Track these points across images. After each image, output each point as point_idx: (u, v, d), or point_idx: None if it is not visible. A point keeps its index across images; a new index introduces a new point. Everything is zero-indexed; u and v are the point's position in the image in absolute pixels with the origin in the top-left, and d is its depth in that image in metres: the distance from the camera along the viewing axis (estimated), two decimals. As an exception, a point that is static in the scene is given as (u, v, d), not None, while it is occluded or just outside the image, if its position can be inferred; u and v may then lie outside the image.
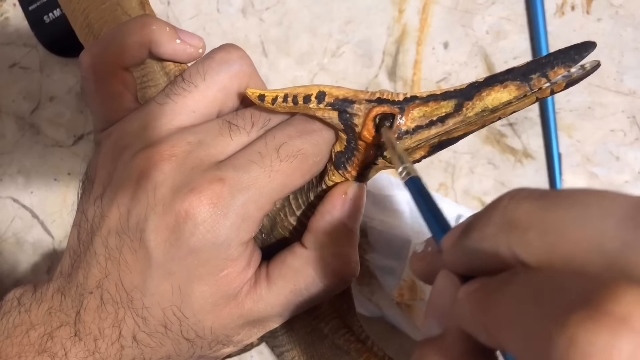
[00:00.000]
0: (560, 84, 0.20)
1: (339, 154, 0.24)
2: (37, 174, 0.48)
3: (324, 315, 0.26)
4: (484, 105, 0.21)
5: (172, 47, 0.26)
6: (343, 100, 0.23)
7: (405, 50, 0.46)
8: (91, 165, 0.25)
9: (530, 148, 0.45)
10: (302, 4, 0.47)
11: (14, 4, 0.49)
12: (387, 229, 0.43)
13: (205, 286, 0.22)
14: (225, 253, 0.22)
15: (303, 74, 0.47)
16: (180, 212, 0.22)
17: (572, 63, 0.20)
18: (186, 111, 0.24)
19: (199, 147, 0.23)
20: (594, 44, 0.20)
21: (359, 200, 0.25)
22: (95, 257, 0.23)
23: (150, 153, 0.23)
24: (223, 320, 0.23)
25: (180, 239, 0.22)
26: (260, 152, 0.23)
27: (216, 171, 0.22)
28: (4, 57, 0.49)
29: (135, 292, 0.22)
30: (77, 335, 0.23)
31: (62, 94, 0.48)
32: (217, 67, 0.25)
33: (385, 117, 0.22)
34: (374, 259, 0.44)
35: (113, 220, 0.23)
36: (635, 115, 0.44)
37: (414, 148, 0.22)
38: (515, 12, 0.46)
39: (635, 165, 0.44)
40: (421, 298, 0.43)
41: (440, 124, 0.21)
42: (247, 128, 0.24)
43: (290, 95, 0.23)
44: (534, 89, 0.20)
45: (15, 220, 0.48)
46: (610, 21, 0.45)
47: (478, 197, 0.45)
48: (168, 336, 0.23)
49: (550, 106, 0.44)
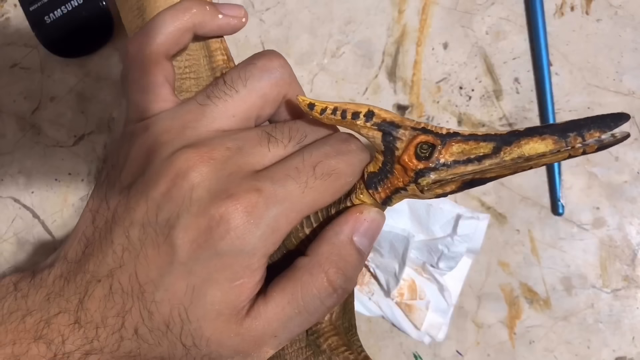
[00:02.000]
0: (592, 146, 0.22)
1: (371, 174, 0.24)
2: (38, 174, 0.48)
3: (323, 332, 0.26)
4: (520, 152, 0.22)
5: (216, 23, 0.26)
6: (390, 123, 0.24)
7: (405, 51, 0.47)
8: (120, 153, 0.25)
9: (529, 148, 0.45)
10: (302, 5, 0.48)
11: (15, 4, 0.49)
12: (387, 229, 0.43)
13: (218, 291, 0.23)
14: (247, 262, 0.23)
15: (303, 74, 0.47)
16: (215, 215, 0.22)
17: (607, 129, 0.22)
18: (226, 115, 0.25)
19: (237, 154, 0.24)
20: (628, 116, 0.22)
21: (374, 223, 0.25)
22: (111, 246, 0.23)
23: (190, 153, 0.23)
24: (220, 334, 0.23)
25: (209, 241, 0.22)
26: (297, 168, 0.23)
27: (254, 181, 0.23)
28: (5, 57, 0.49)
29: (148, 285, 0.23)
30: (78, 322, 0.23)
31: (62, 94, 0.48)
32: (259, 74, 0.25)
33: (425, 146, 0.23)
34: (374, 259, 0.44)
35: (140, 212, 0.23)
36: (634, 115, 0.44)
37: (447, 181, 0.23)
38: (514, 12, 0.46)
39: (635, 165, 0.44)
40: (421, 298, 0.43)
41: (477, 163, 0.23)
42: (284, 142, 0.25)
43: (339, 109, 0.24)
44: (568, 146, 0.22)
45: (16, 220, 0.48)
46: (610, 21, 0.45)
47: (477, 197, 0.45)
48: (167, 337, 0.23)
49: (549, 106, 0.44)
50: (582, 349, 0.43)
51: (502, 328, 0.44)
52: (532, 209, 0.44)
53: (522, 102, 0.45)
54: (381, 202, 0.25)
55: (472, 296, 0.44)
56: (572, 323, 0.44)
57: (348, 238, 0.24)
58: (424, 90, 0.46)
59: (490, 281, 0.44)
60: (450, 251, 0.43)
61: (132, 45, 0.26)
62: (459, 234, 0.43)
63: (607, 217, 0.44)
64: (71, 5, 0.46)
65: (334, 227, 0.25)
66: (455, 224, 0.43)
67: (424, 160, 0.23)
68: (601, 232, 0.44)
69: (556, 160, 0.22)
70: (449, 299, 0.43)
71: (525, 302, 0.44)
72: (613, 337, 0.43)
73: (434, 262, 0.43)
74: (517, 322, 0.44)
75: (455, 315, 0.44)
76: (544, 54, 0.44)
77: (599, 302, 0.44)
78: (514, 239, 0.45)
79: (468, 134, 0.23)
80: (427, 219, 0.44)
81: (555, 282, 0.44)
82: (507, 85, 0.45)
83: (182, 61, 0.27)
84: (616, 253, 0.44)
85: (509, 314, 0.44)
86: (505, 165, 0.22)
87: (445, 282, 0.43)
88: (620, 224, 0.44)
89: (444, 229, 0.43)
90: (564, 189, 0.44)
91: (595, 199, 0.44)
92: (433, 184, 0.23)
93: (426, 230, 0.44)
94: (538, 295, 0.44)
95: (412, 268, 0.44)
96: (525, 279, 0.44)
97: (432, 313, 0.44)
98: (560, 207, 0.44)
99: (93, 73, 0.48)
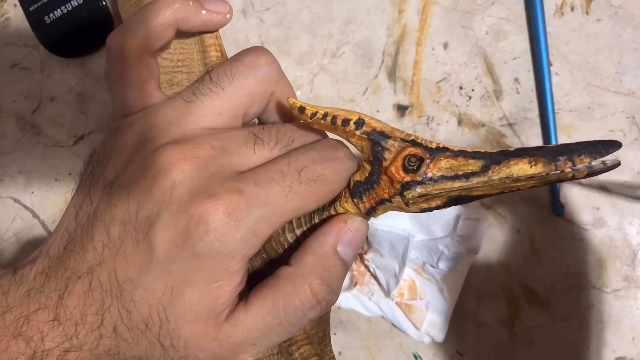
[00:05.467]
0: (582, 172, 0.21)
1: (357, 183, 0.24)
2: (38, 174, 0.48)
3: (297, 340, 0.26)
4: (509, 172, 0.22)
5: (199, 19, 0.26)
6: (379, 132, 0.23)
7: (405, 51, 0.47)
8: (105, 149, 0.25)
9: (529, 148, 0.45)
10: (302, 5, 0.48)
11: (15, 4, 0.49)
12: (387, 229, 0.43)
13: (195, 292, 0.22)
14: (226, 264, 0.22)
15: (303, 74, 0.47)
16: (195, 215, 0.22)
17: (598, 155, 0.21)
18: (212, 113, 0.24)
19: (221, 154, 0.23)
20: (620, 143, 0.22)
21: (358, 233, 0.24)
22: (92, 242, 0.23)
23: (173, 150, 0.23)
24: (198, 337, 0.23)
25: (188, 241, 0.22)
26: (282, 171, 0.23)
27: (237, 182, 0.22)
28: (5, 57, 0.49)
29: (127, 283, 0.22)
30: (57, 319, 0.22)
31: (62, 94, 0.48)
32: (246, 72, 0.25)
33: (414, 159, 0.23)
34: (374, 259, 0.44)
35: (121, 209, 0.23)
36: (634, 115, 0.44)
37: (433, 196, 0.23)
38: (514, 12, 0.46)
39: (635, 165, 0.44)
40: (421, 298, 0.43)
41: (465, 180, 0.22)
42: (271, 144, 0.24)
43: (330, 114, 0.24)
44: (558, 170, 0.22)
45: (16, 220, 0.48)
46: (610, 22, 0.45)
47: (478, 197, 0.45)
48: (146, 336, 0.23)
49: (549, 106, 0.44)
50: (582, 349, 0.43)
51: (502, 328, 0.44)
52: (532, 209, 0.44)
53: (522, 102, 0.45)
54: (365, 212, 0.25)
55: (472, 296, 0.44)
56: (572, 323, 0.44)
57: (332, 248, 0.24)
58: (424, 90, 0.46)
59: (490, 281, 0.44)
60: (451, 251, 0.43)
61: (113, 41, 0.26)
62: (459, 234, 0.43)
63: (607, 217, 0.44)
64: (71, 5, 0.46)
65: (318, 237, 0.24)
66: (455, 224, 0.43)
67: (411, 173, 0.23)
68: (601, 232, 0.44)
69: (544, 182, 0.22)
70: (449, 299, 0.43)
71: (525, 302, 0.44)
72: (613, 337, 0.43)
73: (434, 262, 0.43)
74: (517, 322, 0.44)
75: (455, 315, 0.44)
76: (544, 54, 0.44)
77: (599, 302, 0.44)
78: (514, 239, 0.45)
79: (457, 150, 0.23)
80: (427, 219, 0.44)
81: (555, 282, 0.44)
82: (507, 85, 0.45)
83: (175, 54, 0.27)
84: (616, 253, 0.44)
85: (509, 314, 0.44)
86: (493, 184, 0.22)
87: (445, 282, 0.43)
88: (620, 224, 0.44)
89: (444, 229, 0.43)
90: (564, 189, 0.44)
91: (595, 199, 0.44)
92: (419, 198, 0.23)
93: (426, 230, 0.44)
94: (538, 296, 0.44)
95: (412, 268, 0.44)
96: (525, 279, 0.44)
97: (432, 313, 0.44)
98: (560, 207, 0.44)
99: (93, 73, 0.48)
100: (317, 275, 0.23)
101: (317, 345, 0.27)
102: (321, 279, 0.23)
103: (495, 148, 0.25)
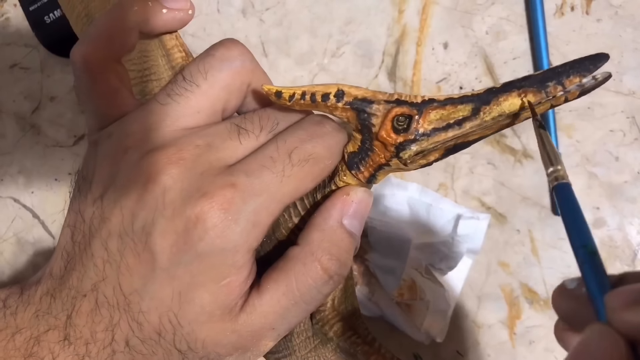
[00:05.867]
0: (574, 93, 0.21)
1: (352, 154, 0.24)
2: (38, 174, 0.48)
3: (328, 319, 0.26)
4: (500, 110, 0.21)
5: (161, 18, 0.25)
6: (362, 100, 0.23)
7: (405, 51, 0.46)
8: (88, 164, 0.24)
9: (529, 148, 0.45)
10: (302, 5, 0.48)
11: (15, 4, 0.49)
12: (387, 229, 0.43)
13: (205, 293, 0.22)
14: (231, 259, 0.22)
15: (303, 74, 0.47)
16: (191, 217, 0.21)
17: (587, 72, 0.21)
18: (190, 112, 0.24)
19: (208, 151, 0.23)
20: (607, 55, 0.21)
21: (362, 204, 0.24)
22: (92, 259, 0.23)
23: (158, 156, 0.22)
24: (216, 335, 0.23)
25: (188, 243, 0.21)
26: (272, 157, 0.23)
27: (228, 176, 0.22)
28: (5, 57, 0.49)
29: (133, 295, 0.22)
30: (67, 339, 0.22)
31: (62, 94, 0.48)
32: (219, 65, 0.24)
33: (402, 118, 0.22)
34: (374, 259, 0.44)
35: (115, 222, 0.22)
36: (634, 115, 0.44)
37: (430, 150, 0.23)
38: (515, 12, 0.46)
39: (635, 165, 0.44)
40: (421, 298, 0.43)
41: (458, 127, 0.22)
42: (256, 132, 0.24)
43: (308, 92, 0.23)
44: (549, 96, 0.21)
45: (16, 220, 0.48)
46: (610, 21, 0.45)
47: (478, 197, 0.45)
48: (161, 345, 0.22)
49: (549, 106, 0.44)
50: (582, 349, 0.43)
51: (502, 328, 0.44)
52: (533, 209, 0.44)
53: (522, 102, 0.45)
54: (366, 180, 0.24)
55: (472, 296, 0.44)
56: (572, 323, 0.44)
57: (338, 222, 0.24)
58: (424, 90, 0.46)
59: (490, 281, 0.44)
60: (451, 251, 0.43)
61: (76, 55, 0.25)
62: (459, 234, 0.43)
63: (607, 217, 0.44)
64: (71, 5, 0.46)
65: (322, 212, 0.24)
66: (456, 224, 0.43)
67: (402, 133, 0.22)
68: (601, 232, 0.44)
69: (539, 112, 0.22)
70: (449, 299, 0.43)
71: (525, 303, 0.44)
72: (613, 338, 0.43)
73: (434, 262, 0.43)
74: (518, 323, 0.44)
75: (456, 315, 0.44)
76: (544, 54, 0.44)
77: (599, 302, 0.44)
78: (514, 239, 0.44)
79: (444, 98, 0.22)
80: (428, 219, 0.44)
81: (556, 282, 0.44)
82: (507, 85, 0.45)
83: (140, 64, 0.26)
84: (616, 253, 0.44)
85: (509, 314, 0.44)
86: (487, 125, 0.22)
87: (445, 282, 0.43)
88: (620, 224, 0.44)
89: (444, 229, 0.43)
90: (564, 189, 0.44)
91: (596, 199, 0.44)
92: (415, 156, 0.23)
93: (426, 230, 0.44)
94: (538, 296, 0.44)
95: (412, 268, 0.44)
96: (525, 279, 0.44)
97: (432, 313, 0.43)
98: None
99: (93, 73, 0.48)
100: (325, 251, 0.23)
101: (348, 319, 0.26)
102: (330, 254, 0.23)
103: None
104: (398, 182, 0.45)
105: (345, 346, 0.25)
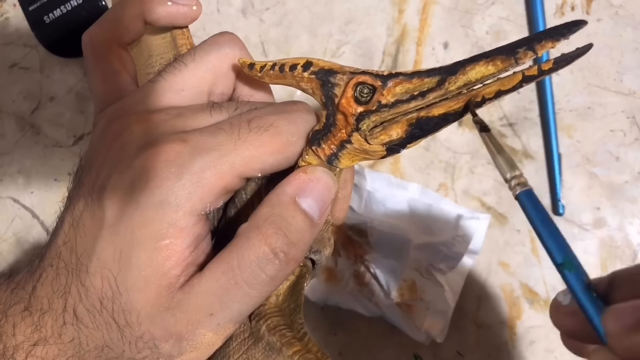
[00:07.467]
0: (548, 62, 0.20)
1: (316, 132, 0.23)
2: (38, 174, 0.48)
3: (265, 313, 0.24)
4: (466, 79, 0.21)
5: (165, 10, 0.26)
6: (328, 70, 0.23)
7: (405, 51, 0.46)
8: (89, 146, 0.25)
9: (530, 148, 0.45)
10: (302, 5, 0.47)
11: (14, 4, 0.49)
12: (387, 229, 0.43)
13: (143, 253, 0.21)
14: (170, 217, 0.21)
15: (303, 74, 0.47)
16: (137, 167, 0.21)
17: (560, 37, 0.20)
18: (175, 89, 0.24)
19: (176, 118, 0.23)
20: (584, 21, 0.20)
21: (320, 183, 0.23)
22: (62, 226, 0.23)
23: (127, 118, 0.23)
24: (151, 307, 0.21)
25: (132, 195, 0.21)
26: (231, 122, 0.22)
27: (182, 133, 0.22)
28: (4, 57, 0.49)
29: (84, 256, 0.21)
30: (28, 309, 0.22)
31: (62, 94, 0.48)
32: (207, 48, 0.25)
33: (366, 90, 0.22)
34: (374, 259, 0.44)
35: (85, 186, 0.22)
36: (635, 115, 0.44)
37: (390, 121, 0.22)
38: (515, 12, 0.46)
39: (635, 165, 0.44)
40: (421, 298, 0.43)
41: (421, 98, 0.21)
42: (230, 110, 0.24)
43: (278, 64, 0.24)
44: (519, 63, 0.20)
45: (16, 220, 0.48)
46: (610, 21, 0.45)
47: (478, 197, 0.45)
48: (102, 316, 0.21)
49: (550, 106, 0.44)
50: (582, 350, 0.43)
51: (502, 328, 0.44)
52: (533, 209, 0.44)
53: (522, 102, 0.45)
54: (326, 159, 0.23)
55: (472, 296, 0.44)
56: (572, 323, 0.44)
57: (290, 198, 0.22)
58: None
59: (490, 281, 0.44)
60: (451, 251, 0.43)
61: (86, 35, 0.26)
62: (460, 235, 0.43)
63: (608, 218, 0.44)
64: (70, 5, 0.46)
65: (276, 189, 0.23)
66: (456, 224, 0.43)
67: (364, 104, 0.22)
68: (602, 232, 0.44)
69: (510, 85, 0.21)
70: (449, 299, 0.43)
71: (525, 303, 0.44)
72: (614, 338, 0.43)
73: (434, 262, 0.43)
74: (518, 323, 0.44)
75: (456, 315, 0.44)
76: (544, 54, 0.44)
77: (599, 302, 0.44)
78: (515, 239, 0.44)
79: (411, 72, 0.22)
80: (428, 219, 0.44)
81: (556, 282, 0.44)
82: (508, 85, 0.45)
83: (155, 66, 0.27)
84: (617, 253, 0.43)
85: (510, 314, 0.44)
86: (452, 96, 0.21)
87: (445, 282, 0.43)
88: (620, 224, 0.44)
89: (444, 229, 0.43)
90: (565, 189, 0.44)
91: (596, 199, 0.44)
92: (375, 128, 0.22)
93: (427, 230, 0.44)
94: (539, 296, 0.44)
95: (413, 268, 0.44)
96: (525, 279, 0.44)
97: (433, 313, 0.43)
98: (560, 207, 0.44)
99: (93, 73, 0.48)
100: (272, 225, 0.21)
101: (287, 317, 0.24)
102: (276, 227, 0.21)
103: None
104: (398, 182, 0.45)
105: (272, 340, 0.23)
